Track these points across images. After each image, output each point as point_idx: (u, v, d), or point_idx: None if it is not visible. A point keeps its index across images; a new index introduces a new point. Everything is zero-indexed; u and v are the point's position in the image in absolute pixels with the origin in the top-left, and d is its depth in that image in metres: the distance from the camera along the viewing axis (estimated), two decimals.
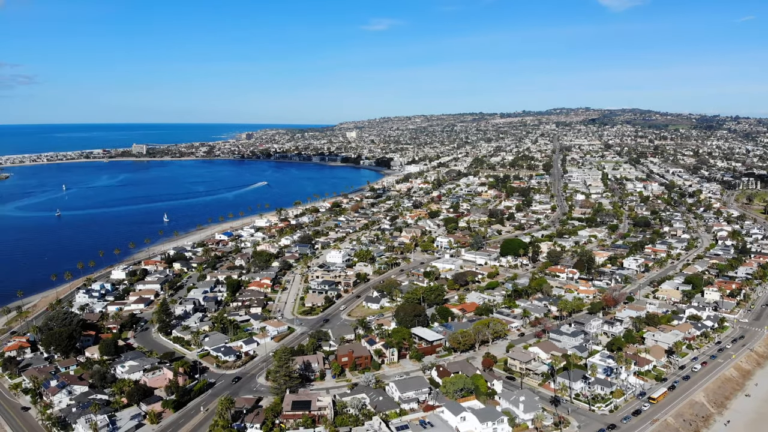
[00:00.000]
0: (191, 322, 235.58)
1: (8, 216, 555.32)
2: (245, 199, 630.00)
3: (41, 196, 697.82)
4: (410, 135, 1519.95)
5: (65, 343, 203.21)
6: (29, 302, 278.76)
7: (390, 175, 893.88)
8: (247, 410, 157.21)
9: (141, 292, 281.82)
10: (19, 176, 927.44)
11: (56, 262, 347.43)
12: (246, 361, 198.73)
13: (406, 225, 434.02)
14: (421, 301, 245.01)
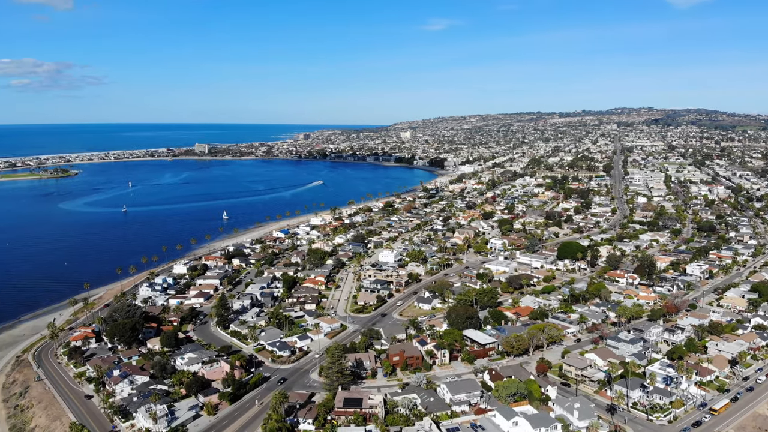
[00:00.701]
0: (248, 317, 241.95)
1: (77, 211, 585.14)
2: (301, 198, 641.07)
3: (108, 192, 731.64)
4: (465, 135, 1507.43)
5: (128, 334, 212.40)
6: (95, 294, 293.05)
7: (443, 175, 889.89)
8: (300, 405, 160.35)
9: (201, 286, 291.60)
10: (88, 173, 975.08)
11: (121, 256, 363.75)
12: (300, 357, 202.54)
13: (459, 226, 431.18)
14: (473, 303, 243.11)
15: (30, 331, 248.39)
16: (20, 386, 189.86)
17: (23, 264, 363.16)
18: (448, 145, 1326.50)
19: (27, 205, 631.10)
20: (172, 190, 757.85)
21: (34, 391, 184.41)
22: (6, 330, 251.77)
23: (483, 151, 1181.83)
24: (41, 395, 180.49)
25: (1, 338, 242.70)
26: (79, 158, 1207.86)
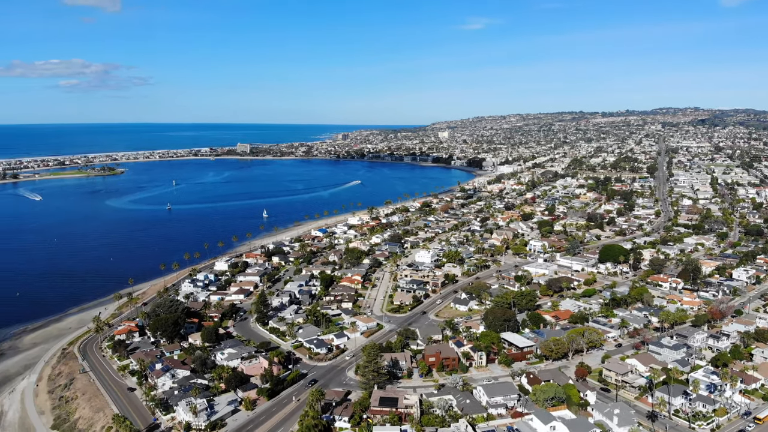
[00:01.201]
0: (287, 314, 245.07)
1: (123, 209, 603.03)
2: (339, 198, 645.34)
3: (153, 190, 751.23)
4: (504, 135, 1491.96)
5: (171, 329, 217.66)
6: (139, 289, 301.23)
7: (482, 175, 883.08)
8: (336, 403, 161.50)
9: (241, 283, 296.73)
10: (134, 172, 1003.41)
11: (165, 252, 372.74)
12: (336, 354, 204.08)
13: (498, 227, 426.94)
14: (511, 305, 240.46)
15: (76, 324, 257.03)
16: (65, 378, 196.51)
17: (71, 259, 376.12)
18: (486, 145, 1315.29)
19: (75, 202, 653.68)
20: (215, 189, 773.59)
21: (78, 382, 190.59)
22: (53, 323, 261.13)
23: (523, 151, 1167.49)
24: (85, 387, 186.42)
25: (48, 331, 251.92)
26: (125, 157, 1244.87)
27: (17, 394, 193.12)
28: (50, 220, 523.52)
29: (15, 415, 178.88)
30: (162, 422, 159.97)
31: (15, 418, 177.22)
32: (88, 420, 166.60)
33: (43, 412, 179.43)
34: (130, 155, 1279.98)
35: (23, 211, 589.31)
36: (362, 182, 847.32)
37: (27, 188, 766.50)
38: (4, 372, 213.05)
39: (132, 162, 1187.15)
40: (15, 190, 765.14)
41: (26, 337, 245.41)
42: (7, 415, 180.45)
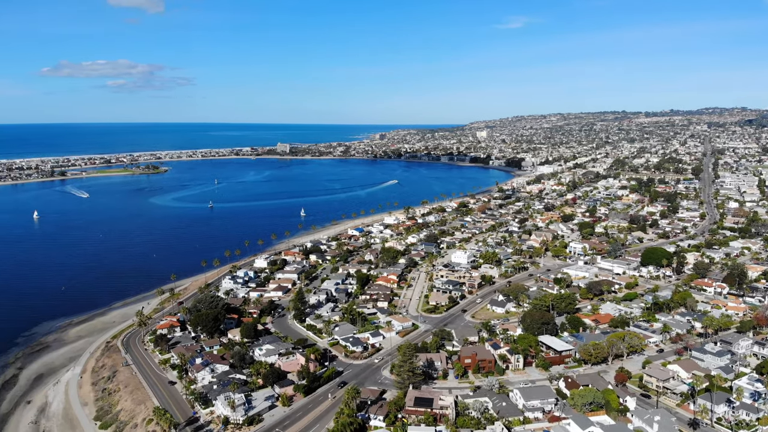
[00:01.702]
0: (323, 312, 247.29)
1: (167, 206, 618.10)
2: (376, 197, 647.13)
3: (196, 188, 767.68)
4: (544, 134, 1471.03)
5: (211, 324, 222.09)
6: (181, 285, 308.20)
7: (521, 175, 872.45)
8: (371, 401, 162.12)
9: (280, 280, 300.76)
10: (177, 170, 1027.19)
11: (206, 249, 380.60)
12: (372, 353, 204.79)
13: (537, 228, 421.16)
14: (550, 308, 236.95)
15: (120, 318, 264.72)
16: (109, 370, 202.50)
17: (115, 255, 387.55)
18: (526, 145, 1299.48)
19: (120, 200, 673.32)
20: (255, 188, 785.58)
21: (121, 375, 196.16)
22: (98, 316, 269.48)
23: (564, 151, 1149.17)
24: (128, 380, 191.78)
25: (93, 324, 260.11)
26: (169, 156, 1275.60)
27: (62, 385, 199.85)
28: (96, 216, 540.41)
29: (59, 406, 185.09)
30: (201, 416, 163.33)
31: (59, 409, 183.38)
32: (130, 412, 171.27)
33: (86, 403, 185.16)
34: (174, 154, 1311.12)
35: (71, 207, 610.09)
36: (399, 182, 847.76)
37: (74, 185, 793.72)
38: (49, 364, 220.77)
39: (175, 161, 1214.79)
40: (63, 187, 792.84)
41: (71, 330, 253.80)
42: (51, 405, 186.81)
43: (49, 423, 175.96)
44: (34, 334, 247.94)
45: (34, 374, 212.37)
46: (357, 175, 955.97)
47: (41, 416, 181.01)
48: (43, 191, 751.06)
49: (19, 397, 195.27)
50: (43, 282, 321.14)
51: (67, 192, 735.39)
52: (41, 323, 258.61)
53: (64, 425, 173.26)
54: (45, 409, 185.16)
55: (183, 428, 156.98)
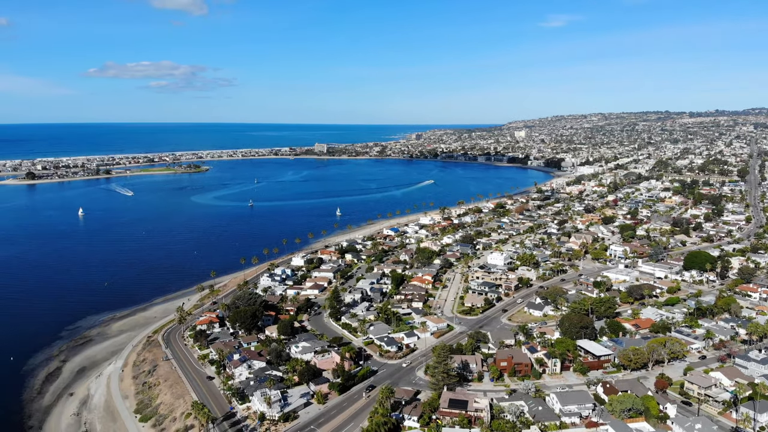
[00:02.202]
0: (358, 311, 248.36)
1: (208, 204, 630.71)
2: (411, 197, 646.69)
3: (236, 187, 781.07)
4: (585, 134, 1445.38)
5: (249, 321, 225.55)
6: (221, 282, 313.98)
7: (560, 176, 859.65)
8: (405, 402, 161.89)
9: (316, 279, 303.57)
10: (218, 169, 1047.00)
11: (245, 247, 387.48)
12: (406, 353, 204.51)
13: (576, 230, 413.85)
14: (589, 312, 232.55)
15: (161, 313, 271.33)
16: (149, 365, 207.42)
17: (157, 251, 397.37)
18: (566, 145, 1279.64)
19: (163, 198, 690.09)
20: (293, 187, 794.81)
21: (161, 369, 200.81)
22: (139, 312, 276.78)
23: (604, 151, 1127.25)
24: (167, 374, 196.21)
25: (135, 319, 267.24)
26: (210, 155, 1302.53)
27: (104, 378, 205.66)
28: (140, 214, 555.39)
29: (101, 399, 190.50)
30: (238, 411, 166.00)
31: (101, 401, 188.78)
32: (169, 406, 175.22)
33: (127, 396, 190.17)
34: (215, 153, 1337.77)
35: (115, 205, 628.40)
36: (435, 182, 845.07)
37: (119, 183, 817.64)
38: (92, 357, 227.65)
39: (216, 160, 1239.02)
40: (107, 185, 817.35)
41: (114, 325, 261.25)
42: (93, 398, 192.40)
43: (90, 415, 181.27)
44: (78, 328, 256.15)
45: (77, 367, 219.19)
46: (393, 175, 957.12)
47: (83, 408, 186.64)
48: (89, 189, 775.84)
49: (62, 389, 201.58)
50: (88, 277, 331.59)
51: (111, 190, 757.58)
52: (85, 317, 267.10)
53: (105, 417, 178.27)
54: (87, 402, 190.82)
55: (220, 423, 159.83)
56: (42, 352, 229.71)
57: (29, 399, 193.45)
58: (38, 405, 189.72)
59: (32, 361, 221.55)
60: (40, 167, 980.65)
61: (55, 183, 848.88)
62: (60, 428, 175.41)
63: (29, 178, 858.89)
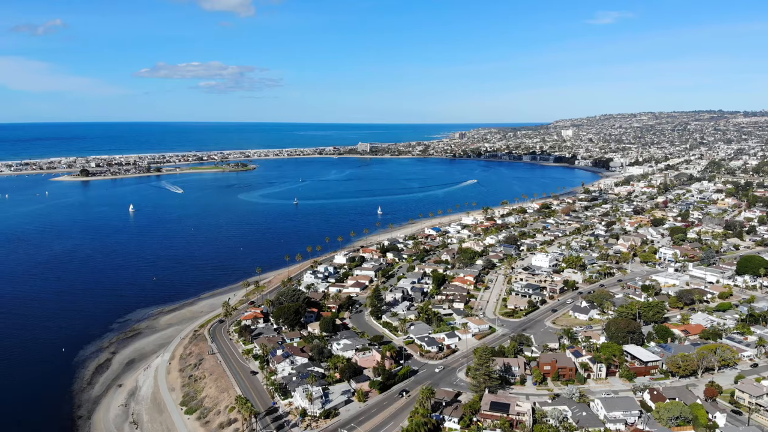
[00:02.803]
0: (399, 310, 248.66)
1: (254, 202, 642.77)
2: (454, 197, 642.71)
3: (281, 186, 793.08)
4: (634, 134, 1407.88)
5: (292, 317, 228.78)
6: (265, 278, 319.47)
7: (608, 176, 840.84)
8: (446, 403, 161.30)
9: (358, 277, 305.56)
10: (264, 168, 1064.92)
11: (290, 244, 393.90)
12: (447, 354, 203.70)
13: (624, 232, 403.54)
14: (636, 317, 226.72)
15: (208, 308, 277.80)
16: (195, 358, 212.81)
17: (205, 248, 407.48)
18: (614, 145, 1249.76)
19: (211, 195, 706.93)
20: (337, 186, 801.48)
21: (207, 363, 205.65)
22: (187, 306, 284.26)
23: (654, 151, 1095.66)
24: (213, 368, 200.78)
25: (183, 313, 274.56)
26: (256, 154, 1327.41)
27: (151, 370, 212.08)
28: (188, 211, 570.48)
29: (148, 391, 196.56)
30: (280, 406, 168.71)
31: (148, 393, 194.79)
32: (214, 399, 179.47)
33: (173, 388, 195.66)
34: (261, 152, 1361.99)
35: (165, 202, 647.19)
36: (478, 181, 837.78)
37: (169, 181, 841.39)
38: (140, 349, 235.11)
39: (263, 159, 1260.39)
40: (158, 182, 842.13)
41: (162, 318, 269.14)
42: (141, 389, 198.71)
43: (138, 406, 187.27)
44: (128, 321, 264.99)
45: (126, 359, 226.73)
46: (435, 175, 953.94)
47: (131, 399, 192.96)
48: (140, 186, 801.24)
49: (111, 380, 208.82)
50: (138, 272, 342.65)
51: (162, 187, 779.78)
52: (135, 310, 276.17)
53: (152, 409, 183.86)
54: (135, 393, 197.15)
55: (263, 417, 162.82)
56: (93, 343, 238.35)
57: (79, 389, 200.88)
58: (88, 395, 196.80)
59: (83, 352, 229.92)
60: (93, 164, 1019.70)
61: (107, 180, 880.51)
62: (108, 418, 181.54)
63: (83, 174, 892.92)
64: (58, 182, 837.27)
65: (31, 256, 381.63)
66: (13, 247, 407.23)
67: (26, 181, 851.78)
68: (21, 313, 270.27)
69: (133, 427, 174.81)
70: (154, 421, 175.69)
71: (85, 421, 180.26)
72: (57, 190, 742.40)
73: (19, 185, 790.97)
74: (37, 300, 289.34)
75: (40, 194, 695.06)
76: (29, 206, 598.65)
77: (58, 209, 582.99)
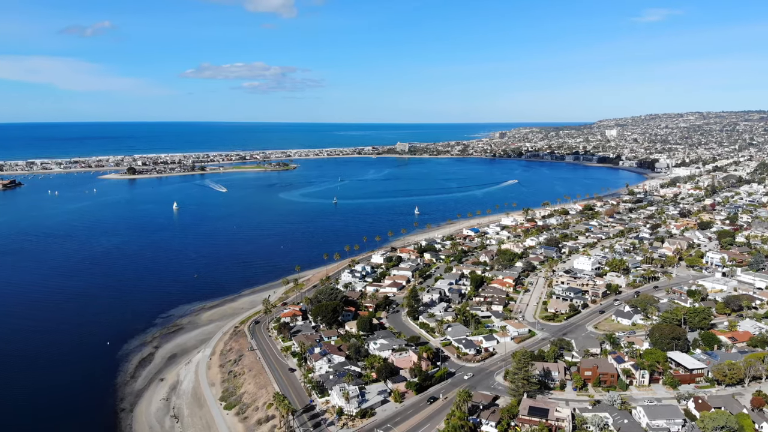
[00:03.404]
0: (436, 311, 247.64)
1: (294, 201, 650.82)
2: (493, 197, 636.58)
3: (321, 185, 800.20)
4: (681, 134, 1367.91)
5: (330, 315, 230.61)
6: (304, 276, 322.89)
7: (654, 178, 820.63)
8: (483, 406, 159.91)
9: (395, 276, 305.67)
10: (305, 167, 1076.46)
11: (328, 243, 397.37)
12: (485, 357, 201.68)
13: (670, 235, 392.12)
14: (681, 323, 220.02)
15: (248, 305, 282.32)
16: (235, 354, 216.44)
17: (247, 245, 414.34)
18: (660, 145, 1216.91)
19: (253, 194, 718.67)
20: (375, 185, 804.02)
21: (246, 359, 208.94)
22: (228, 302, 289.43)
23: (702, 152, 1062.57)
24: (252, 364, 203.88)
25: (224, 309, 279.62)
26: (297, 154, 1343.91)
27: (192, 365, 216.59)
28: (231, 209, 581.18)
29: (189, 385, 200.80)
30: (317, 404, 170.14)
31: (189, 388, 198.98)
32: (252, 395, 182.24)
33: (213, 384, 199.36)
34: (302, 152, 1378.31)
35: (208, 200, 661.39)
36: (519, 181, 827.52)
37: (212, 179, 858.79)
38: (182, 344, 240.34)
39: (303, 158, 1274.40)
40: (202, 181, 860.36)
41: (204, 314, 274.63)
42: (182, 384, 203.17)
43: (179, 400, 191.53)
44: (171, 316, 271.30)
45: (169, 353, 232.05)
46: (474, 174, 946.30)
47: (172, 393, 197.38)
48: (184, 184, 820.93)
49: (153, 374, 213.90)
50: (181, 268, 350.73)
51: (206, 186, 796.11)
52: (178, 306, 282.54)
53: (193, 403, 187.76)
54: (176, 387, 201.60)
55: (300, 415, 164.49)
56: (137, 338, 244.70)
57: (123, 382, 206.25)
58: (131, 388, 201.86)
59: (127, 346, 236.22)
60: (140, 163, 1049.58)
61: (153, 178, 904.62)
62: (150, 412, 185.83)
63: (130, 173, 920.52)
64: (106, 180, 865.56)
65: (79, 251, 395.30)
66: (62, 243, 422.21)
67: (75, 178, 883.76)
68: (68, 307, 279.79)
69: (174, 421, 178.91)
70: (194, 416, 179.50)
71: (127, 414, 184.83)
72: (104, 188, 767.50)
73: (68, 182, 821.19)
74: (84, 295, 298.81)
75: (88, 191, 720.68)
76: (78, 203, 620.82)
77: (105, 206, 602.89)
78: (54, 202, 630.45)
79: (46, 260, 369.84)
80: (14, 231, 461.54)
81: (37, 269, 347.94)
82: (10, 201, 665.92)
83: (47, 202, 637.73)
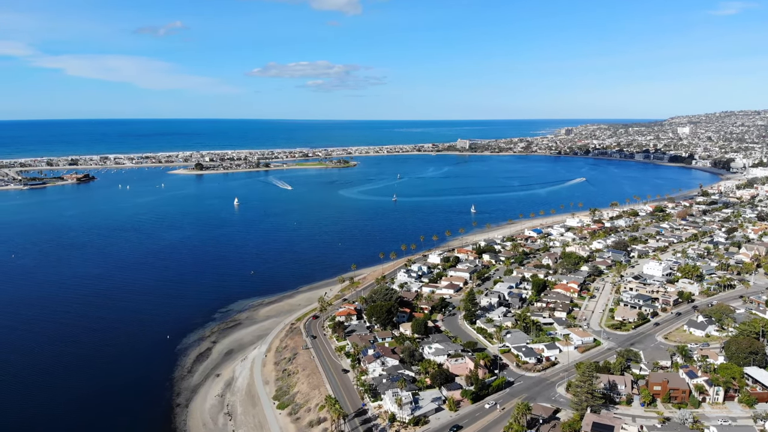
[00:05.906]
0: (494, 316, 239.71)
1: (353, 198, 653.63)
2: (557, 197, 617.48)
3: (380, 182, 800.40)
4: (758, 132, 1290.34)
5: (384, 316, 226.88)
6: (360, 275, 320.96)
7: (729, 178, 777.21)
8: (543, 420, 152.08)
9: (452, 278, 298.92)
10: (364, 164, 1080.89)
11: (385, 241, 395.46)
12: (546, 367, 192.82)
13: (747, 240, 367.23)
14: (760, 335, 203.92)
15: (305, 302, 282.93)
16: (290, 352, 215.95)
17: (306, 242, 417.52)
18: (736, 144, 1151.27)
19: (314, 191, 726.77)
20: (434, 183, 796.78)
21: (300, 358, 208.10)
22: (286, 299, 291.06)
23: None
24: (306, 363, 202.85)
25: (281, 306, 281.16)
26: (358, 151, 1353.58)
27: (248, 362, 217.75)
28: (293, 206, 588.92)
29: (244, 382, 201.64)
30: (369, 409, 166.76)
31: (243, 384, 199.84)
32: (305, 395, 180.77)
33: (267, 382, 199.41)
34: (362, 150, 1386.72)
35: (271, 196, 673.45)
36: (587, 180, 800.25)
37: (276, 176, 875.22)
38: (239, 340, 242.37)
39: (363, 156, 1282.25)
40: (266, 177, 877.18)
41: (261, 310, 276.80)
42: (237, 380, 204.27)
43: (233, 397, 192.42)
44: (230, 311, 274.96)
45: (226, 349, 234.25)
46: (537, 173, 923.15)
47: (227, 390, 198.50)
48: (249, 180, 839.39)
49: (210, 369, 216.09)
50: (241, 263, 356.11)
51: (269, 182, 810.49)
52: (237, 301, 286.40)
53: (246, 401, 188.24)
54: (231, 384, 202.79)
55: (351, 419, 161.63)
56: (195, 332, 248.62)
57: (180, 377, 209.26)
58: (187, 383, 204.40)
59: (186, 340, 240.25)
60: (207, 159, 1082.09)
61: (219, 174, 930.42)
62: (204, 408, 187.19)
63: (197, 168, 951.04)
64: (175, 175, 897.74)
65: (144, 245, 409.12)
66: (129, 236, 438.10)
67: (146, 173, 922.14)
68: (131, 299, 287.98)
69: (227, 419, 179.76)
70: (247, 414, 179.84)
71: (182, 409, 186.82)
72: (172, 183, 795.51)
73: (139, 177, 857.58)
74: (146, 288, 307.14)
75: (157, 186, 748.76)
76: (146, 197, 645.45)
77: (171, 201, 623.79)
78: (124, 196, 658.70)
79: (111, 253, 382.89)
80: (85, 224, 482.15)
81: (103, 262, 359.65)
82: (84, 194, 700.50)
83: (118, 195, 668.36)
